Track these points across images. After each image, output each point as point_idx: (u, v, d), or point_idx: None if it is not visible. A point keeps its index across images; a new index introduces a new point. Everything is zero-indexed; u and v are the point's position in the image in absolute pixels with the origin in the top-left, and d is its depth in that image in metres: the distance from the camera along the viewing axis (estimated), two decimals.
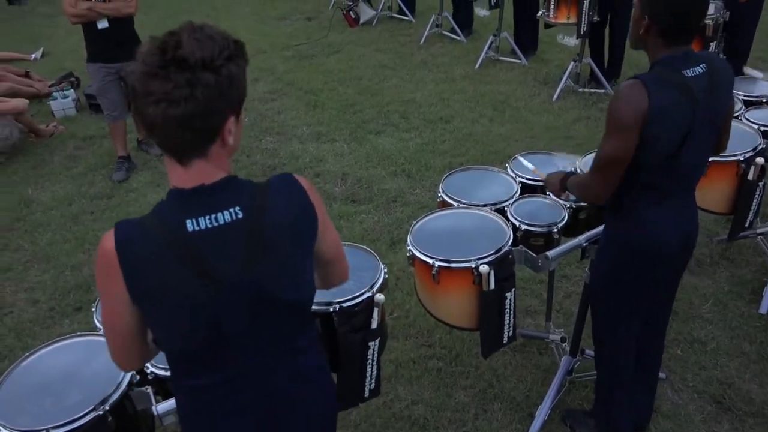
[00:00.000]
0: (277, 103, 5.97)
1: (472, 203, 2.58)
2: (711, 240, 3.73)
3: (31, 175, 4.89)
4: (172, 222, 1.24)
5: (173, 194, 1.26)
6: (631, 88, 1.87)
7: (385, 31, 7.81)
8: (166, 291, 1.24)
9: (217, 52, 1.17)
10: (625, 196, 2.06)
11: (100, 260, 1.25)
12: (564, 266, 3.56)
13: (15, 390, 1.80)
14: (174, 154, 1.23)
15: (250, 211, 1.27)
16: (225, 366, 1.37)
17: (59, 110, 5.87)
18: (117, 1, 4.33)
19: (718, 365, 2.94)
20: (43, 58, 7.50)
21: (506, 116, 5.46)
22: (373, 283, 2.07)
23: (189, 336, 1.29)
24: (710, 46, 4.55)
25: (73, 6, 4.29)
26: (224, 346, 1.33)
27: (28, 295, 3.59)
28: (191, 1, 9.70)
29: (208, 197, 1.25)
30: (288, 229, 1.32)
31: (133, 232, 1.24)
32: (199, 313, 1.27)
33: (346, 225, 4.04)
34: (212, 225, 1.24)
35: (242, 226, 1.26)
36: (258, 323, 1.34)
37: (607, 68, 5.81)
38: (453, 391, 2.85)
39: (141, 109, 1.17)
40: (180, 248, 1.23)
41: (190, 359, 1.36)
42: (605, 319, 2.35)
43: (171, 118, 1.15)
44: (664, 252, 2.11)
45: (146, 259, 1.22)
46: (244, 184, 1.31)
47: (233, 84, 1.20)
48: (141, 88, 1.15)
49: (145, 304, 1.27)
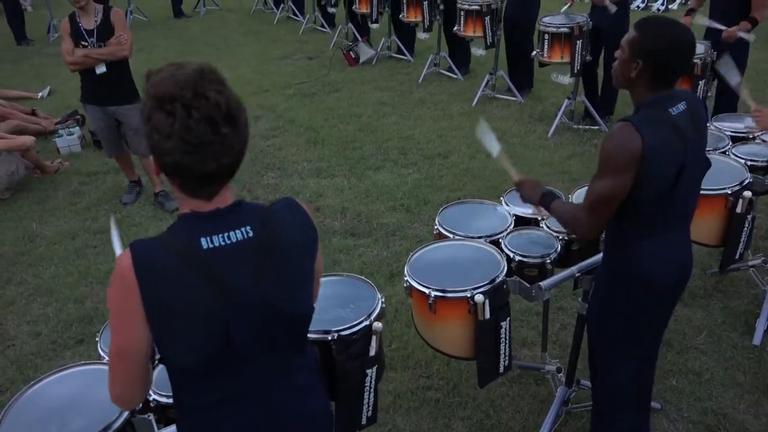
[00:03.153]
0: (279, 139, 6.09)
1: (467, 235, 2.65)
2: (704, 272, 3.79)
3: (35, 210, 4.97)
4: (188, 240, 1.32)
5: (188, 216, 1.35)
6: (623, 130, 1.92)
7: (385, 70, 8.00)
8: (181, 305, 1.31)
9: (231, 90, 1.28)
10: (622, 230, 2.11)
11: (117, 278, 1.31)
12: (560, 298, 3.61)
13: (21, 416, 1.84)
14: (206, 194, 1.33)
15: (260, 230, 1.36)
16: (230, 382, 1.42)
17: (64, 147, 5.99)
18: (112, 45, 4.43)
19: (712, 396, 2.97)
20: (49, 97, 7.66)
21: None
22: (370, 312, 2.13)
23: (200, 349, 1.35)
24: (699, 85, 4.68)
25: (70, 54, 4.40)
26: (232, 361, 1.39)
27: (31, 328, 3.63)
28: (195, 41, 9.94)
29: (222, 218, 1.34)
30: (294, 247, 1.41)
31: (149, 250, 1.31)
32: (211, 326, 1.33)
33: (346, 258, 4.10)
34: (225, 243, 1.32)
35: (253, 244, 1.35)
36: (265, 336, 1.41)
37: (600, 105, 5.95)
38: (451, 422, 2.88)
39: (194, 172, 1.26)
40: (194, 264, 1.30)
41: (197, 375, 1.41)
42: (603, 350, 2.37)
43: (225, 167, 1.28)
44: (661, 285, 2.15)
45: (162, 275, 1.29)
46: (253, 207, 1.41)
47: (246, 111, 1.32)
48: (193, 157, 1.23)
49: (159, 320, 1.32)
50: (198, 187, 1.32)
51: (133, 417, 1.86)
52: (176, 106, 1.21)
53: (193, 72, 1.25)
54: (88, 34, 4.37)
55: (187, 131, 1.21)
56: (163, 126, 1.22)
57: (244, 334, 1.37)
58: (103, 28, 4.40)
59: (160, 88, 1.23)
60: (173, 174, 1.29)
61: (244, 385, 1.44)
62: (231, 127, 1.25)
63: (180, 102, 1.21)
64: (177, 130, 1.21)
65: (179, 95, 1.21)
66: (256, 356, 1.42)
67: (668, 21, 2.01)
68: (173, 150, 1.23)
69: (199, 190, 1.32)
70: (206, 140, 1.23)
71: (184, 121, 1.21)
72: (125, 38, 4.45)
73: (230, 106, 1.25)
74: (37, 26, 10.75)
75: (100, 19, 4.40)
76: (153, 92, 1.24)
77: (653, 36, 1.94)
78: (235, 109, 1.27)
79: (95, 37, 4.38)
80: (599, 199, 2.01)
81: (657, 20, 2.01)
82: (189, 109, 1.21)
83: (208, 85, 1.24)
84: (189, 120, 1.21)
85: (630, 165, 1.92)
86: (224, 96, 1.25)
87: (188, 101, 1.21)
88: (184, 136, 1.21)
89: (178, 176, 1.29)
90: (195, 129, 1.21)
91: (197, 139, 1.22)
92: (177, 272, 1.30)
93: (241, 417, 1.46)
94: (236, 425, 1.46)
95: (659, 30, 1.95)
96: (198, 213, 1.34)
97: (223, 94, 1.25)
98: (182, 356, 1.37)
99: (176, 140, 1.22)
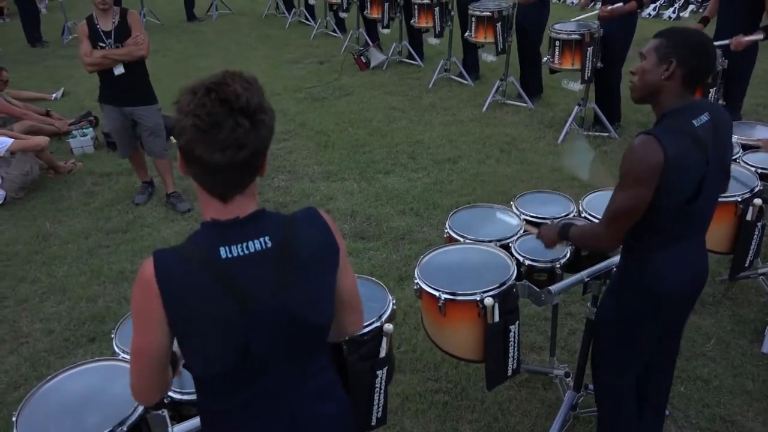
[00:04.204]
0: (289, 143, 6.14)
1: (477, 239, 2.67)
2: (713, 280, 3.79)
3: (49, 209, 5.03)
4: (207, 249, 1.34)
5: (209, 225, 1.37)
6: (645, 143, 1.92)
7: (395, 75, 8.04)
8: (201, 314, 1.34)
9: (261, 94, 1.31)
10: (639, 240, 2.11)
11: (139, 287, 1.34)
12: (569, 304, 3.62)
13: (38, 411, 1.87)
14: (221, 195, 1.35)
15: (279, 240, 1.39)
16: (251, 387, 1.45)
17: (78, 148, 6.06)
18: (129, 45, 4.49)
19: (721, 403, 2.97)
20: (63, 98, 7.75)
21: (512, 157, 5.59)
22: (381, 314, 2.15)
23: (220, 358, 1.38)
24: (710, 93, 4.69)
25: (88, 55, 4.45)
26: (252, 367, 1.42)
27: (44, 326, 3.68)
28: (207, 45, 10.02)
29: (241, 228, 1.36)
30: (312, 257, 1.43)
31: (171, 259, 1.34)
32: (231, 335, 1.36)
33: (355, 261, 4.13)
34: (244, 253, 1.35)
35: (271, 254, 1.37)
36: (283, 344, 1.43)
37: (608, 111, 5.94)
38: (459, 425, 2.89)
39: (204, 157, 1.27)
40: (214, 273, 1.33)
41: (218, 382, 1.44)
42: (609, 355, 2.38)
43: (237, 162, 1.28)
44: (676, 294, 2.16)
45: (183, 284, 1.32)
46: (273, 216, 1.42)
47: (273, 119, 1.35)
48: (204, 139, 1.26)
49: (181, 328, 1.36)
50: (209, 181, 1.33)
51: (147, 413, 1.88)
52: (201, 88, 1.27)
53: (231, 71, 1.31)
54: (106, 36, 4.44)
55: (202, 107, 1.25)
56: (185, 105, 1.27)
57: (263, 343, 1.39)
58: (120, 30, 4.46)
59: (198, 81, 1.30)
60: (187, 160, 1.31)
61: (264, 390, 1.46)
62: (247, 120, 1.27)
63: (205, 86, 1.27)
64: (193, 107, 1.26)
65: (208, 82, 1.28)
66: (275, 363, 1.45)
67: (688, 28, 2.07)
68: (186, 128, 1.26)
69: (210, 185, 1.34)
70: (217, 121, 1.25)
71: (202, 99, 1.26)
72: (142, 39, 4.51)
73: (250, 102, 1.28)
74: (52, 28, 10.87)
75: (118, 21, 4.47)
76: (191, 83, 1.31)
77: (681, 39, 1.97)
78: (256, 107, 1.29)
79: (113, 38, 4.44)
80: (620, 211, 2.02)
81: (678, 27, 2.06)
82: (210, 91, 1.26)
83: (236, 79, 1.29)
84: (206, 98, 1.26)
85: (652, 178, 1.92)
86: (248, 92, 1.28)
87: (212, 86, 1.27)
88: (198, 112, 1.25)
89: (190, 162, 1.31)
90: (209, 107, 1.25)
91: (209, 117, 1.25)
92: (197, 282, 1.32)
93: (260, 422, 1.48)
94: (256, 429, 1.48)
95: (685, 34, 1.99)
96: (218, 221, 1.36)
97: (248, 90, 1.28)
98: (202, 363, 1.40)
99: (191, 117, 1.26)
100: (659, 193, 1.95)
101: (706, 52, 1.97)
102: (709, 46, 1.99)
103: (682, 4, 10.98)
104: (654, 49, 2.00)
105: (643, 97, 2.06)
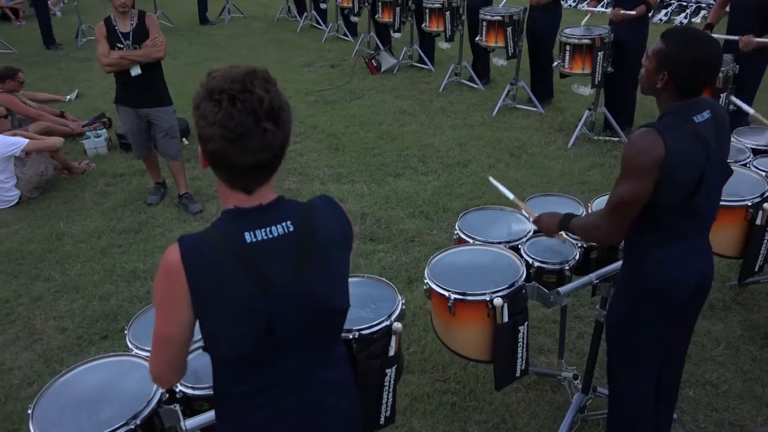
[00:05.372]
0: (300, 145, 6.18)
1: (487, 240, 2.69)
2: (723, 284, 3.78)
3: (63, 209, 5.10)
4: (232, 234, 1.38)
5: (232, 212, 1.41)
6: (646, 136, 1.95)
7: (406, 78, 8.07)
8: (226, 296, 1.37)
9: (280, 92, 1.34)
10: (642, 237, 2.13)
11: (165, 272, 1.38)
12: (577, 307, 3.63)
13: (53, 404, 1.91)
14: (246, 188, 1.39)
15: (300, 225, 1.43)
16: (270, 371, 1.48)
17: (91, 149, 6.13)
18: (147, 47, 4.55)
19: (729, 407, 2.97)
20: (77, 100, 7.83)
21: (522, 161, 5.60)
22: (391, 313, 2.18)
23: (243, 339, 1.41)
24: (720, 97, 4.69)
25: (106, 56, 4.50)
26: (273, 350, 1.45)
27: (58, 323, 3.72)
28: (220, 48, 10.10)
29: (263, 214, 1.41)
30: (332, 241, 1.47)
31: (197, 244, 1.38)
32: (255, 317, 1.39)
33: (365, 263, 4.15)
34: (267, 237, 1.39)
35: (293, 238, 1.42)
36: (305, 328, 1.46)
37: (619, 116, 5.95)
38: (467, 426, 2.91)
39: (234, 162, 1.31)
40: (239, 257, 1.36)
41: (238, 365, 1.47)
42: (622, 358, 2.38)
43: (265, 162, 1.33)
44: (680, 292, 2.16)
45: (209, 268, 1.36)
46: (293, 203, 1.47)
47: (290, 111, 1.38)
48: (233, 147, 1.29)
49: (205, 311, 1.39)
50: (237, 179, 1.38)
51: (159, 407, 1.92)
52: (224, 96, 1.28)
53: (245, 71, 1.32)
54: (124, 37, 4.49)
55: (230, 119, 1.28)
56: (209, 114, 1.29)
57: (285, 326, 1.42)
58: (138, 31, 4.52)
59: (214, 82, 1.31)
60: (215, 163, 1.35)
61: (282, 375, 1.50)
62: (273, 124, 1.31)
63: (227, 93, 1.28)
64: (220, 118, 1.28)
65: (228, 88, 1.29)
66: (295, 347, 1.48)
67: (696, 33, 2.00)
68: (215, 137, 1.29)
69: (238, 182, 1.38)
70: (246, 130, 1.29)
71: (228, 110, 1.28)
72: (160, 41, 4.57)
73: (273, 104, 1.31)
74: (66, 31, 10.99)
75: (136, 23, 4.53)
76: (206, 85, 1.32)
77: (680, 49, 1.95)
78: (279, 108, 1.32)
79: (131, 39, 4.50)
80: (620, 202, 2.04)
81: (684, 32, 2.00)
82: (234, 100, 1.28)
83: (256, 82, 1.31)
84: (233, 109, 1.28)
85: (652, 170, 1.94)
86: (270, 94, 1.31)
87: (235, 93, 1.28)
88: (226, 123, 1.28)
89: (219, 165, 1.35)
90: (237, 118, 1.28)
91: (239, 128, 1.28)
92: (222, 266, 1.36)
93: (277, 406, 1.51)
94: (272, 413, 1.52)
95: (686, 43, 1.96)
96: (241, 208, 1.40)
97: (270, 92, 1.31)
98: (228, 346, 1.43)
99: (218, 128, 1.28)
100: (660, 186, 1.97)
101: (703, 65, 1.95)
102: (708, 58, 1.95)
103: (693, 10, 10.96)
104: (654, 54, 2.02)
105: (648, 93, 2.11)
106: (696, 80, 1.98)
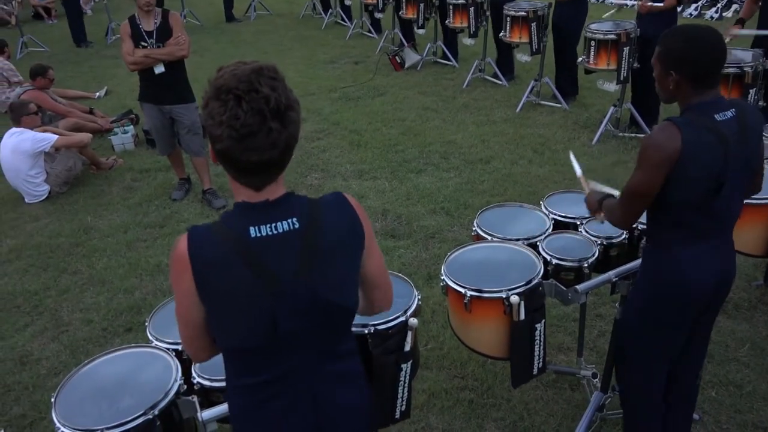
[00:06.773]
0: (323, 141, 6.21)
1: (505, 237, 2.67)
2: (749, 284, 3.71)
3: (90, 204, 5.21)
4: (237, 228, 1.40)
5: (240, 206, 1.43)
6: (665, 130, 1.95)
7: (429, 75, 8.06)
8: (230, 290, 1.39)
9: (287, 89, 1.34)
10: (661, 234, 2.12)
11: (174, 261, 1.41)
12: (598, 305, 3.59)
13: (75, 393, 1.96)
14: (255, 186, 1.41)
15: (306, 222, 1.43)
16: (278, 365, 1.50)
17: (119, 145, 6.24)
18: (171, 45, 4.61)
19: (753, 409, 2.91)
20: (106, 97, 7.99)
21: (545, 158, 5.56)
22: (407, 308, 2.18)
23: (247, 333, 1.43)
24: (750, 93, 4.59)
25: (131, 54, 4.59)
26: (279, 345, 1.46)
27: (84, 315, 3.81)
28: (245, 45, 10.20)
29: (270, 209, 1.42)
30: (338, 239, 1.47)
31: (203, 236, 1.40)
32: (258, 312, 1.41)
33: (385, 259, 4.12)
34: (272, 232, 1.40)
35: (298, 235, 1.42)
36: (309, 324, 1.47)
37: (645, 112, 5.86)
38: (484, 423, 2.90)
39: (240, 160, 1.33)
40: (242, 252, 1.38)
41: (245, 357, 1.49)
42: (636, 356, 2.37)
43: (272, 160, 1.35)
44: (697, 291, 2.14)
45: (213, 261, 1.38)
46: (301, 199, 1.47)
47: (299, 111, 1.38)
48: (239, 146, 1.31)
49: (210, 302, 1.42)
50: (244, 176, 1.39)
51: (177, 398, 1.95)
52: (230, 96, 1.30)
53: (252, 69, 1.33)
54: (148, 36, 4.57)
55: (236, 119, 1.29)
56: (216, 113, 1.31)
57: (289, 320, 1.44)
58: (162, 30, 4.59)
59: (221, 80, 1.32)
60: (223, 160, 1.37)
61: (289, 369, 1.51)
62: (279, 123, 1.32)
63: (234, 93, 1.30)
64: (227, 118, 1.29)
65: (234, 87, 1.30)
66: (301, 342, 1.49)
67: (688, 26, 2.01)
68: (222, 137, 1.31)
69: (245, 178, 1.40)
70: (253, 130, 1.30)
71: (234, 110, 1.29)
72: (183, 39, 4.62)
73: (280, 102, 1.31)
74: (96, 29, 11.20)
75: (160, 22, 4.59)
76: (214, 83, 1.34)
77: (677, 43, 1.96)
78: (286, 106, 1.33)
79: (155, 38, 4.57)
80: (630, 192, 2.07)
81: (677, 28, 2.02)
82: (240, 100, 1.29)
83: (263, 81, 1.31)
84: (238, 110, 1.29)
85: (663, 164, 1.94)
86: (276, 92, 1.32)
87: (241, 93, 1.29)
88: (232, 123, 1.29)
89: (227, 163, 1.37)
90: (243, 118, 1.29)
91: (245, 128, 1.29)
92: (226, 259, 1.38)
93: (286, 398, 1.53)
94: (280, 407, 1.53)
95: (681, 36, 1.97)
96: (249, 203, 1.42)
97: (276, 90, 1.32)
98: (233, 339, 1.45)
99: (225, 128, 1.30)
100: (671, 182, 1.96)
101: (703, 49, 1.93)
102: (706, 42, 1.94)
103: (725, 4, 10.73)
104: (657, 59, 2.03)
105: (668, 101, 2.10)
106: (704, 67, 1.96)
